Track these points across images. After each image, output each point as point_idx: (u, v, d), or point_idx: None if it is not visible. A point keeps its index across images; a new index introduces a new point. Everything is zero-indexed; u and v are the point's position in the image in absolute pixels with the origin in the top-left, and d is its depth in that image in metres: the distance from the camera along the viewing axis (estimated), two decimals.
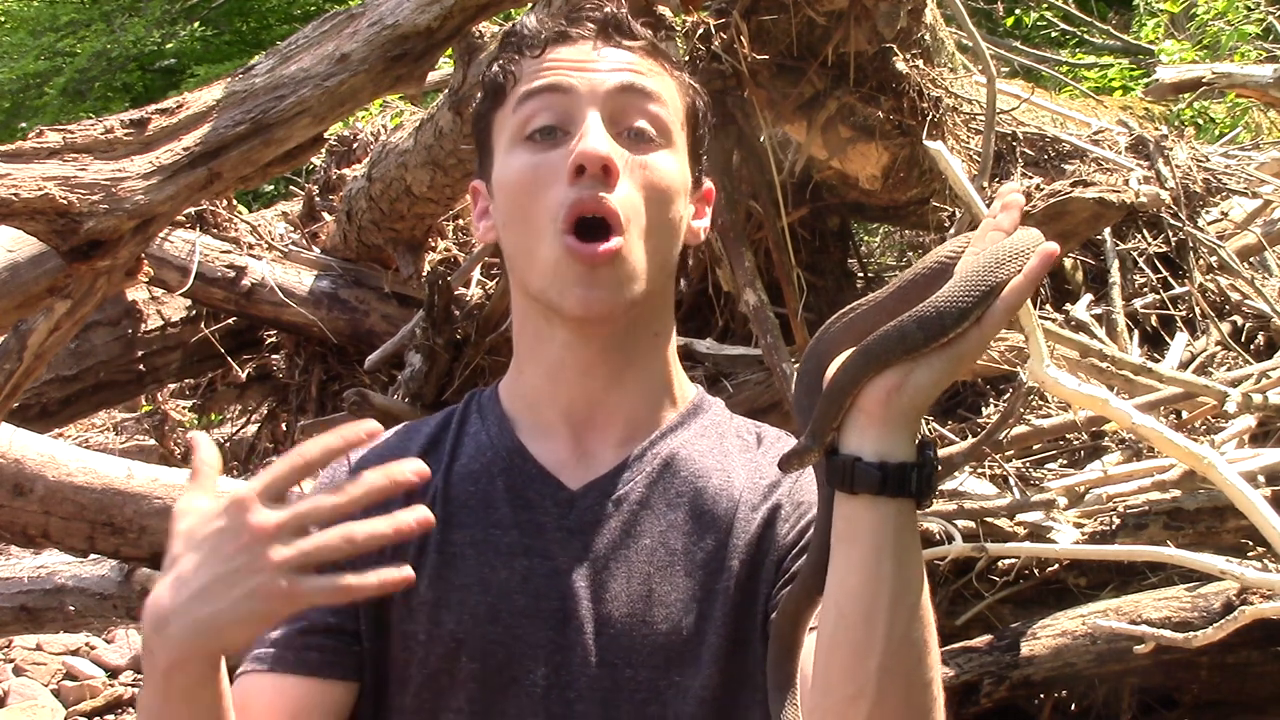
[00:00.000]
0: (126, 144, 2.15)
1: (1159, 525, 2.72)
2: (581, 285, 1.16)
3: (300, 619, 1.18)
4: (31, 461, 2.76)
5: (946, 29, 3.77)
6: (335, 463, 1.28)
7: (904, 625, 1.00)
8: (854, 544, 1.00)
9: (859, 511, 0.99)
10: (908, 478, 0.98)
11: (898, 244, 5.21)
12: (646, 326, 1.24)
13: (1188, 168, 4.00)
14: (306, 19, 7.81)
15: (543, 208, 1.17)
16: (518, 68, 1.21)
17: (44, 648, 5.52)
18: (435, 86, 3.73)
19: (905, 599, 1.00)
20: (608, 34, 1.20)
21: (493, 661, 1.18)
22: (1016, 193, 1.01)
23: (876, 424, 0.98)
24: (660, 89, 1.21)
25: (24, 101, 11.74)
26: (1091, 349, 2.97)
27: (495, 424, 1.27)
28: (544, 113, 1.18)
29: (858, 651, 1.00)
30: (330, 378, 3.95)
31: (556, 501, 1.22)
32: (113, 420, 6.24)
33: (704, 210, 1.29)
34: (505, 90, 1.21)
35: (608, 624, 1.18)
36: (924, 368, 0.97)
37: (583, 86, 1.18)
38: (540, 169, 1.18)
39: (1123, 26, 9.07)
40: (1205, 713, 2.74)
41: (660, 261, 1.21)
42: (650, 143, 1.19)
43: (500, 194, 1.22)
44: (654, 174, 1.19)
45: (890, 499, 0.98)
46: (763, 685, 1.19)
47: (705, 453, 1.26)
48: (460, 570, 1.20)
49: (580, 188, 1.15)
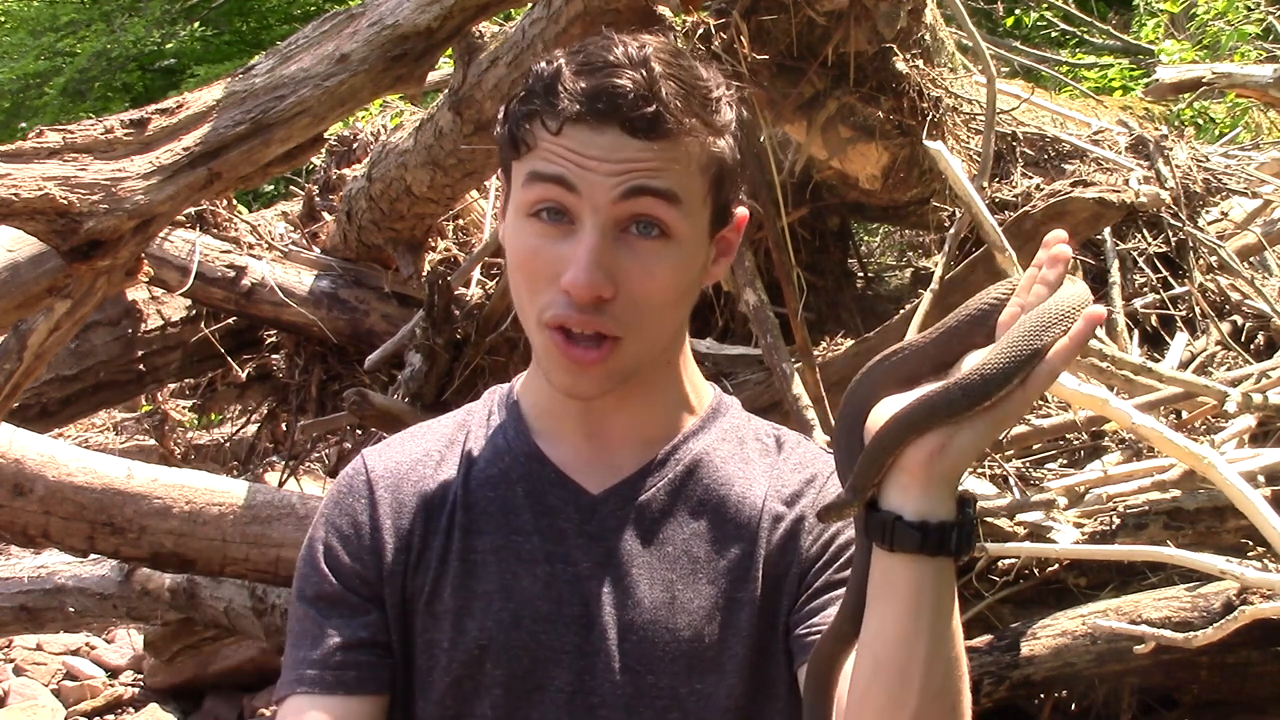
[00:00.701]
0: (126, 144, 2.15)
1: (1159, 525, 2.72)
2: (569, 375, 1.16)
3: (332, 635, 1.20)
4: (31, 461, 2.76)
5: (946, 29, 3.78)
6: (352, 469, 1.28)
7: (940, 678, 1.01)
8: (892, 599, 1.01)
9: (898, 568, 1.00)
10: (948, 537, 0.99)
11: (898, 244, 5.21)
12: (654, 368, 1.23)
13: (1188, 168, 4.00)
14: (306, 19, 7.81)
15: (538, 306, 1.15)
16: (533, 135, 1.15)
17: (44, 648, 5.52)
18: (435, 86, 3.73)
19: (941, 652, 1.01)
20: (628, 124, 1.13)
21: (517, 667, 1.18)
22: (1063, 243, 1.00)
23: (919, 484, 0.99)
24: (673, 186, 1.15)
25: (24, 101, 11.73)
26: (1091, 349, 2.97)
27: (512, 425, 1.27)
28: (550, 200, 1.14)
29: (892, 701, 1.01)
30: (330, 378, 3.95)
31: (578, 507, 1.22)
32: (113, 420, 6.24)
33: (732, 245, 1.25)
34: (519, 151, 1.17)
35: (631, 630, 1.18)
36: (967, 430, 0.98)
37: (588, 189, 1.13)
38: (542, 260, 1.15)
39: (1123, 26, 9.07)
40: (1205, 713, 2.74)
41: (659, 339, 1.20)
42: (658, 238, 1.15)
43: (508, 248, 1.20)
44: (654, 282, 1.15)
45: (930, 558, 0.99)
46: (784, 696, 1.19)
47: (727, 458, 1.25)
48: (483, 578, 1.20)
49: (570, 305, 1.13)
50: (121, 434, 6.20)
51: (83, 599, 3.96)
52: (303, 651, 1.21)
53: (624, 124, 1.13)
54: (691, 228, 1.17)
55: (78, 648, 5.56)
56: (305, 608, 1.23)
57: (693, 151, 1.16)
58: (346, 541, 1.23)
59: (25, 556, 4.22)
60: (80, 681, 5.31)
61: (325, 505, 1.27)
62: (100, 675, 5.41)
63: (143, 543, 2.84)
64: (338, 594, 1.22)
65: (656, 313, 1.17)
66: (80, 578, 3.97)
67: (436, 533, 1.22)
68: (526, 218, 1.16)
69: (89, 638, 5.60)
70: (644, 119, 1.13)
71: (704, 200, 1.18)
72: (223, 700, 4.85)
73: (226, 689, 4.84)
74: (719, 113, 1.18)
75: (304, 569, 1.24)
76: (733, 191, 1.22)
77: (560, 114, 1.13)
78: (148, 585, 3.77)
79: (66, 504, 2.78)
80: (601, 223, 1.13)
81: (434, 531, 1.23)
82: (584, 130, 1.13)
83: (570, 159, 1.13)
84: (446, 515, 1.23)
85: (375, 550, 1.22)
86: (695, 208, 1.17)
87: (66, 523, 2.80)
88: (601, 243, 1.13)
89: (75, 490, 2.78)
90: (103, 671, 5.44)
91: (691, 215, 1.17)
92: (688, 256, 1.17)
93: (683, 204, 1.15)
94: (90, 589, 3.94)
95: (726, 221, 1.23)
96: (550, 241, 1.14)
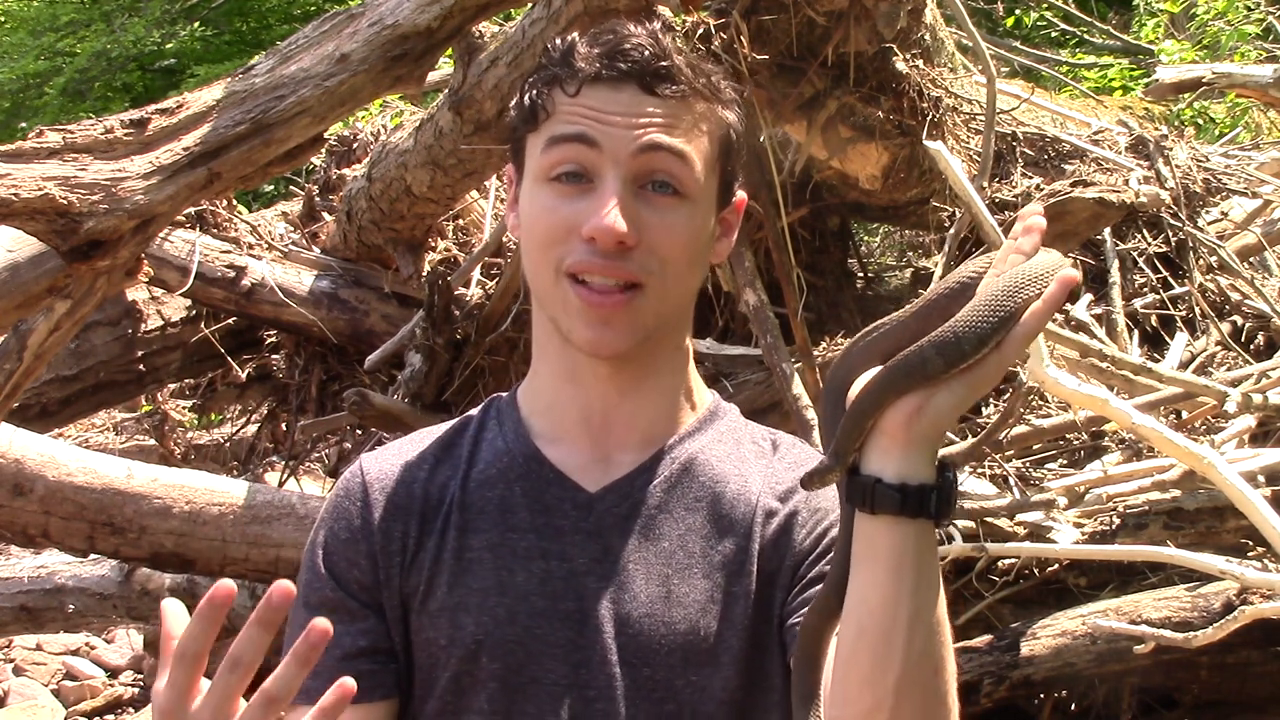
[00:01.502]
0: (126, 144, 2.15)
1: (1159, 525, 2.72)
2: (592, 328, 1.18)
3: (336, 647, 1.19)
4: (31, 461, 2.76)
5: (946, 29, 3.77)
6: (350, 474, 1.29)
7: (922, 641, 1.02)
8: (874, 563, 1.02)
9: (879, 531, 1.02)
10: (927, 499, 1.00)
11: (898, 244, 5.21)
12: (666, 341, 1.25)
13: (1188, 168, 4.00)
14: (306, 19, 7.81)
15: (557, 255, 1.18)
16: (551, 101, 1.20)
17: (44, 648, 5.52)
18: (435, 86, 3.73)
19: (923, 616, 1.02)
20: (644, 81, 1.19)
21: (513, 661, 1.19)
22: (1038, 215, 1.02)
23: (898, 446, 1.00)
24: (687, 146, 1.20)
25: (24, 101, 11.73)
26: (1091, 349, 2.97)
27: (512, 429, 1.28)
28: (570, 161, 1.19)
29: (877, 666, 1.02)
30: (330, 378, 3.95)
31: (575, 504, 1.23)
32: (113, 420, 6.24)
33: (732, 226, 1.30)
34: (538, 119, 1.21)
35: (626, 624, 1.19)
36: (944, 392, 0.99)
37: (609, 144, 1.17)
38: (561, 215, 1.18)
39: (1123, 26, 9.08)
40: (1205, 713, 2.74)
41: (678, 299, 1.23)
42: (673, 196, 1.19)
43: (524, 219, 1.24)
44: (672, 236, 1.19)
45: (910, 520, 1.01)
46: (779, 689, 1.20)
47: (723, 457, 1.27)
48: (478, 575, 1.21)
49: (593, 252, 1.16)
50: (121, 434, 6.20)
51: (83, 599, 3.95)
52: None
53: (641, 80, 1.19)
54: (703, 190, 1.22)
55: (78, 648, 5.57)
56: (308, 615, 1.23)
57: (704, 115, 1.22)
58: (345, 546, 1.24)
59: (25, 556, 4.22)
60: (80, 681, 5.32)
61: (324, 511, 1.28)
62: (100, 675, 5.41)
63: (143, 543, 2.84)
64: (339, 600, 1.23)
65: (675, 266, 1.20)
66: (80, 578, 3.96)
67: (431, 534, 1.23)
68: (545, 183, 1.20)
69: (89, 638, 5.60)
70: (659, 74, 1.19)
71: (713, 166, 1.23)
72: None
73: None
74: (724, 89, 1.25)
75: (306, 575, 1.25)
76: (737, 168, 1.27)
77: (579, 75, 1.19)
78: (148, 585, 3.77)
79: (66, 504, 2.78)
80: (622, 175, 1.17)
81: (429, 533, 1.24)
82: (602, 89, 1.19)
83: (590, 116, 1.18)
84: (442, 516, 1.24)
85: (371, 554, 1.23)
86: (706, 170, 1.22)
87: (66, 523, 2.80)
88: (624, 192, 1.17)
89: (75, 490, 2.78)
90: (103, 671, 5.45)
91: (703, 177, 1.21)
92: (701, 217, 1.22)
93: (695, 164, 1.20)
94: (90, 589, 3.94)
95: (730, 197, 1.27)
96: (568, 200, 1.19)
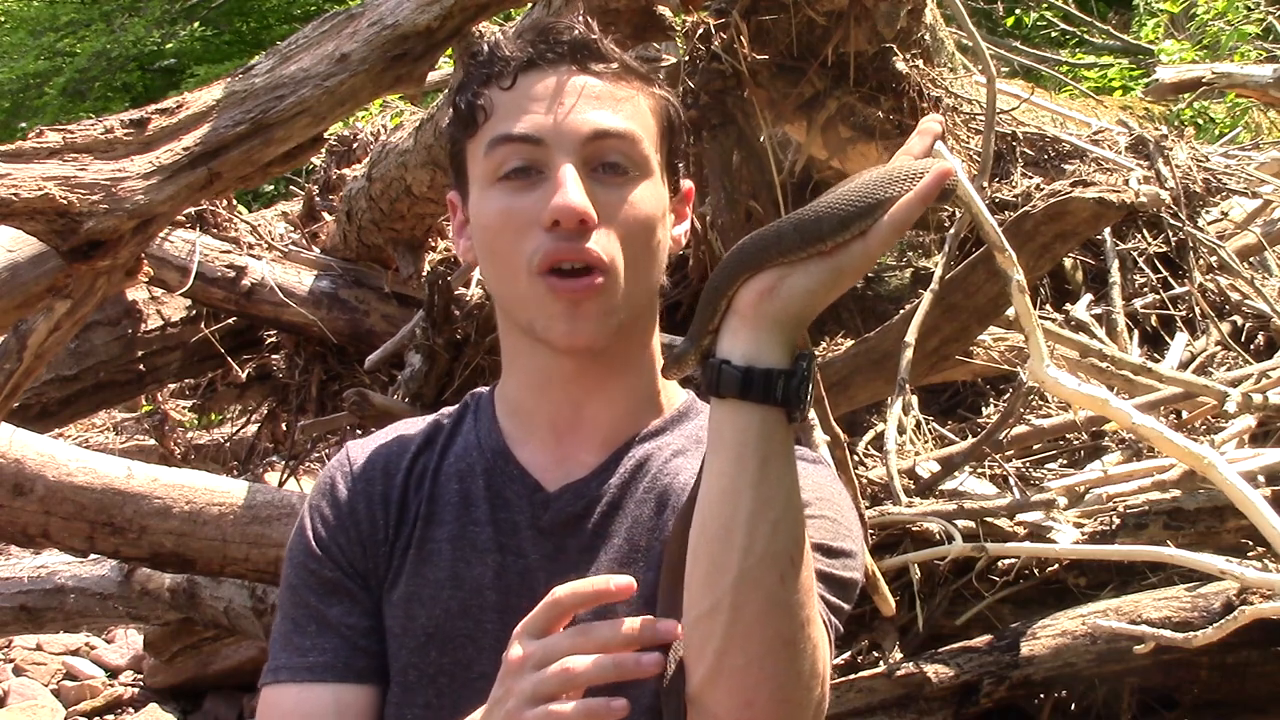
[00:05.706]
0: (126, 144, 2.15)
1: (1159, 525, 2.72)
2: (565, 320, 1.17)
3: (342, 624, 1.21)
4: (31, 461, 2.75)
5: (946, 29, 3.78)
6: (337, 461, 1.30)
7: (764, 541, 0.98)
8: (718, 452, 0.99)
9: (724, 417, 0.99)
10: (774, 384, 0.97)
11: (898, 244, 5.21)
12: (634, 339, 1.25)
13: (1188, 168, 4.00)
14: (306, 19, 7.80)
15: (519, 252, 1.17)
16: (488, 100, 1.19)
17: (44, 648, 5.52)
18: (435, 86, 3.74)
19: (767, 514, 0.98)
20: (578, 59, 1.18)
21: (462, 656, 1.20)
22: (934, 121, 1.01)
23: (748, 326, 0.98)
24: (632, 125, 1.19)
25: (24, 101, 11.74)
26: (1091, 349, 2.97)
27: (485, 426, 1.29)
28: (515, 156, 1.17)
29: (715, 565, 0.99)
30: (330, 378, 3.96)
31: (532, 502, 1.23)
32: (113, 420, 6.24)
33: (685, 213, 1.29)
34: (478, 121, 1.20)
35: (574, 621, 1.18)
36: (800, 273, 0.97)
37: (554, 138, 1.16)
38: (515, 213, 1.17)
39: (1123, 26, 9.08)
40: (1205, 713, 2.74)
41: (644, 287, 1.22)
42: (625, 175, 1.18)
43: (477, 230, 1.22)
44: (632, 211, 1.18)
45: (755, 405, 0.97)
46: None
47: (679, 452, 1.26)
48: (436, 565, 1.22)
49: (557, 237, 1.15)
50: (121, 434, 6.20)
51: (83, 599, 3.96)
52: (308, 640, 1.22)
53: (574, 58, 1.18)
54: (653, 167, 1.21)
55: (78, 648, 5.57)
56: (305, 594, 1.24)
57: (640, 93, 1.21)
58: (335, 530, 1.25)
59: (25, 556, 4.22)
60: (80, 681, 5.32)
61: (312, 496, 1.29)
62: (100, 675, 5.41)
63: (143, 543, 2.83)
64: (337, 580, 1.23)
65: (637, 243, 1.18)
66: (80, 578, 3.97)
67: (405, 523, 1.25)
68: (493, 184, 1.19)
69: (89, 638, 5.60)
70: (591, 51, 1.18)
71: (658, 144, 1.22)
72: (223, 700, 4.85)
73: (226, 689, 4.84)
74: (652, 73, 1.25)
75: (298, 556, 1.25)
76: (680, 152, 1.27)
77: (511, 64, 1.18)
78: (148, 585, 3.77)
79: (66, 504, 2.77)
80: (573, 160, 1.16)
81: (404, 521, 1.25)
82: (536, 74, 1.18)
83: (530, 110, 1.17)
84: (415, 506, 1.25)
85: (360, 539, 1.24)
86: (652, 147, 1.21)
87: (66, 523, 2.79)
88: (577, 172, 1.15)
89: (75, 490, 2.77)
90: (103, 671, 5.45)
91: (650, 154, 1.21)
92: (656, 191, 1.21)
93: (642, 141, 1.19)
94: (90, 589, 3.94)
95: (677, 180, 1.26)
96: (522, 194, 1.17)
